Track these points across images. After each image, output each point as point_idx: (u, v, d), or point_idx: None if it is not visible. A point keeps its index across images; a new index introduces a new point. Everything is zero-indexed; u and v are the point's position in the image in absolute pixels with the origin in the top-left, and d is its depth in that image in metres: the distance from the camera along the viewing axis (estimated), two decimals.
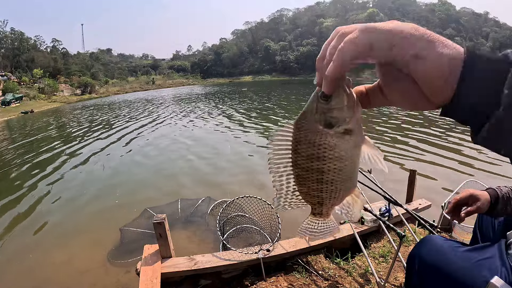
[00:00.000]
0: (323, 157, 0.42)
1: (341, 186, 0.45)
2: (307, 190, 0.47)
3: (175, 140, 9.61)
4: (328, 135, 0.41)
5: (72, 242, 3.88)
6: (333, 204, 0.49)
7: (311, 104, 0.42)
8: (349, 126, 0.40)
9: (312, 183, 0.45)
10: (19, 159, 8.66)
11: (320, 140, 0.41)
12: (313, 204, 0.50)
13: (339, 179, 0.44)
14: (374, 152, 0.45)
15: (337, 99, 0.39)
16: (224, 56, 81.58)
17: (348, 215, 0.52)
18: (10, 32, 57.14)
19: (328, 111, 0.40)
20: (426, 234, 2.63)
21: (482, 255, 1.05)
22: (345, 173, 0.43)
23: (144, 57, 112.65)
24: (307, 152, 0.43)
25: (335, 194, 0.47)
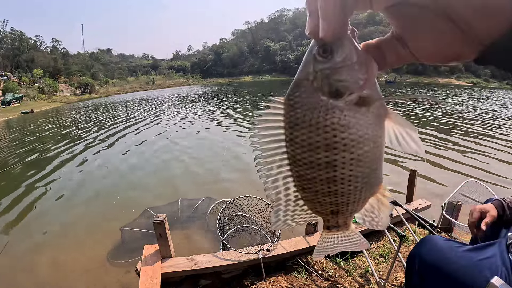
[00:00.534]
0: (333, 144, 0.29)
1: (363, 184, 0.33)
2: (314, 197, 0.34)
3: (176, 140, 9.61)
4: (336, 109, 0.29)
5: (72, 242, 3.88)
6: (353, 211, 0.36)
7: (305, 67, 0.30)
8: (364, 92, 0.29)
9: (321, 185, 0.33)
10: (19, 159, 8.65)
11: (325, 118, 0.29)
12: (325, 214, 0.37)
13: (359, 174, 0.31)
14: (404, 128, 0.31)
15: (343, 51, 0.28)
16: (224, 56, 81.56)
17: (374, 223, 0.39)
18: (10, 32, 57.14)
19: (333, 72, 0.28)
20: (426, 234, 2.63)
21: (482, 254, 1.05)
22: (367, 163, 0.31)
23: (144, 57, 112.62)
24: (308, 140, 0.30)
25: (355, 197, 0.34)
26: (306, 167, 0.32)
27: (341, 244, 0.41)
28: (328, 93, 0.29)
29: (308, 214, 0.38)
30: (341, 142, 0.29)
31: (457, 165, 6.03)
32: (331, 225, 0.39)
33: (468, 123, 10.87)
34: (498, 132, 9.20)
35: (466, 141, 7.98)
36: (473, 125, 10.37)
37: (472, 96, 23.10)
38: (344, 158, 0.30)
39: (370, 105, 0.29)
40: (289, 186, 0.35)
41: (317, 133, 0.30)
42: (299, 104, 0.30)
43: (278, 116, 0.32)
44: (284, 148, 0.33)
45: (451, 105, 16.83)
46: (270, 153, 0.33)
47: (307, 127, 0.30)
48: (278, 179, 0.34)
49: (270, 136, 0.33)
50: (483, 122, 10.98)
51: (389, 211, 0.37)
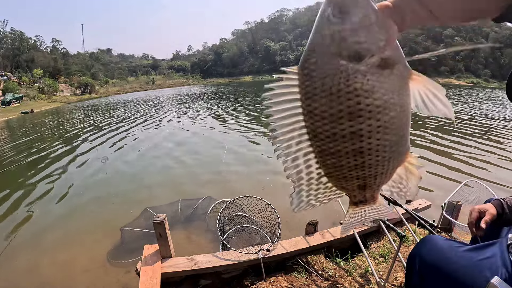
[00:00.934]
0: (357, 112, 0.27)
1: (391, 154, 0.30)
2: (340, 172, 0.31)
3: (176, 140, 9.61)
4: (358, 73, 0.26)
5: (72, 242, 3.87)
6: (381, 183, 0.34)
7: (320, 30, 0.26)
8: (386, 53, 0.26)
9: (347, 159, 0.30)
10: (19, 159, 8.65)
11: (347, 84, 0.26)
12: (352, 190, 0.34)
13: (387, 143, 0.29)
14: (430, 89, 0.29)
15: (360, 10, 0.25)
16: (224, 56, 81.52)
17: (401, 193, 0.36)
18: (10, 32, 57.11)
19: (351, 34, 0.26)
20: (426, 234, 2.63)
21: (483, 254, 1.05)
22: (395, 130, 0.28)
23: (144, 57, 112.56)
24: (330, 110, 0.27)
25: (383, 168, 0.31)
26: (329, 140, 0.29)
27: (368, 216, 0.39)
28: (347, 57, 0.26)
29: (332, 191, 0.35)
30: (366, 109, 0.27)
31: (457, 165, 6.03)
32: (358, 200, 0.36)
33: (469, 123, 10.87)
34: (499, 132, 9.20)
35: (466, 141, 7.98)
36: (473, 125, 10.37)
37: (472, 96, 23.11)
38: (371, 126, 0.27)
39: (393, 67, 0.27)
40: (311, 163, 0.32)
41: (339, 102, 0.27)
42: (316, 72, 0.27)
43: (293, 88, 0.29)
44: (302, 122, 0.30)
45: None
46: (287, 129, 0.31)
47: (327, 96, 0.27)
48: (299, 157, 0.32)
49: (285, 111, 0.30)
50: (484, 122, 10.98)
51: (418, 180, 0.36)
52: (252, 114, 14.56)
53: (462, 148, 7.29)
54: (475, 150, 7.10)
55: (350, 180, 0.32)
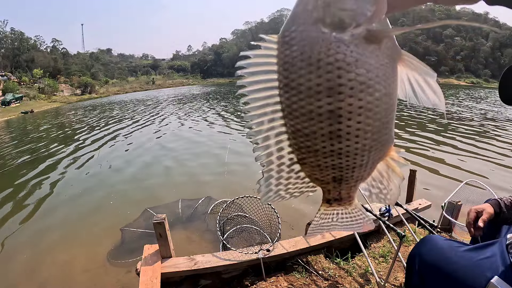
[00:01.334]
0: (337, 87, 0.24)
1: (372, 142, 0.27)
2: (314, 158, 0.28)
3: (176, 140, 9.61)
4: (341, 43, 0.24)
5: (72, 242, 3.87)
6: (359, 178, 0.30)
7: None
8: (374, 25, 0.24)
9: (322, 142, 0.26)
10: (19, 159, 8.66)
11: (328, 54, 0.24)
12: (326, 183, 0.30)
13: (368, 128, 0.26)
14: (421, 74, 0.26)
15: None
16: (224, 56, 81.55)
17: (381, 195, 0.33)
18: (10, 32, 57.13)
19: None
20: (426, 234, 2.63)
21: (483, 254, 1.05)
22: (378, 114, 0.26)
23: (144, 57, 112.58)
24: (307, 83, 0.25)
25: (362, 159, 0.28)
26: (304, 119, 0.26)
27: (341, 222, 0.35)
28: (330, 24, 0.24)
29: (305, 183, 0.31)
30: (348, 85, 0.24)
31: (457, 165, 6.03)
32: (332, 197, 0.32)
33: (469, 123, 10.87)
34: (499, 132, 9.20)
35: (466, 141, 7.99)
36: (473, 125, 10.37)
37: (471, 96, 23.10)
38: (351, 105, 0.24)
39: (380, 42, 0.24)
40: (283, 145, 0.29)
41: (318, 74, 0.24)
42: (296, 39, 0.24)
43: (271, 58, 0.26)
44: (277, 97, 0.27)
45: (450, 105, 16.83)
46: (260, 103, 0.27)
47: (306, 67, 0.24)
48: (270, 137, 0.28)
49: (260, 83, 0.27)
50: (484, 122, 10.98)
51: (400, 180, 0.32)
52: None
53: (462, 148, 7.29)
54: (475, 150, 7.10)
55: (325, 170, 0.29)
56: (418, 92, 0.26)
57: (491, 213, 1.17)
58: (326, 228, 0.35)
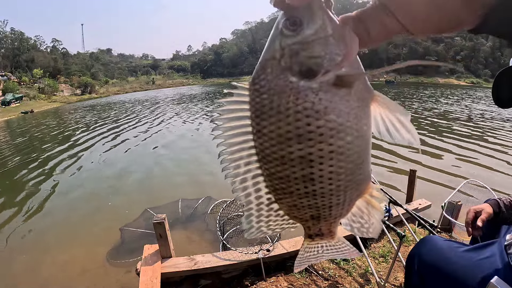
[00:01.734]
0: (307, 134, 0.24)
1: (347, 183, 0.27)
2: (290, 199, 0.28)
3: (176, 140, 9.61)
4: (309, 91, 0.23)
5: (72, 242, 3.87)
6: (337, 215, 0.30)
7: (271, 45, 0.25)
8: (343, 70, 0.24)
9: (296, 185, 0.27)
10: (19, 159, 8.65)
11: (296, 103, 0.24)
12: (305, 220, 0.31)
13: (341, 171, 0.26)
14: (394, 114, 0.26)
15: (315, 22, 0.23)
16: (224, 56, 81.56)
17: (363, 229, 0.32)
18: (10, 32, 57.13)
19: (303, 48, 0.23)
20: (426, 234, 2.63)
21: (482, 254, 1.05)
22: (350, 157, 0.26)
23: (144, 57, 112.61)
24: (278, 131, 0.25)
25: (338, 199, 0.28)
26: (277, 163, 0.27)
27: (327, 253, 0.35)
28: (298, 73, 0.24)
29: (285, 220, 0.32)
30: (317, 132, 0.24)
31: (457, 165, 6.03)
32: (313, 233, 0.33)
33: (470, 123, 10.87)
34: (499, 133, 9.20)
35: (466, 141, 7.99)
36: (473, 125, 10.37)
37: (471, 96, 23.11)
38: (322, 151, 0.25)
39: (351, 86, 0.24)
40: (260, 186, 0.30)
41: (287, 122, 0.24)
42: (266, 88, 0.25)
43: (243, 105, 0.27)
44: (252, 142, 0.28)
45: (448, 105, 16.83)
46: (236, 148, 0.29)
47: (276, 115, 0.25)
48: (247, 179, 0.29)
49: (235, 129, 0.28)
50: (484, 123, 10.98)
51: (380, 215, 0.31)
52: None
53: (462, 148, 7.29)
54: (475, 150, 7.10)
55: (302, 209, 0.29)
56: (392, 132, 0.26)
57: (490, 213, 1.17)
58: (313, 259, 0.36)
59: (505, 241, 1.06)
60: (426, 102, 17.87)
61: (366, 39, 0.25)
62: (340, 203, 0.29)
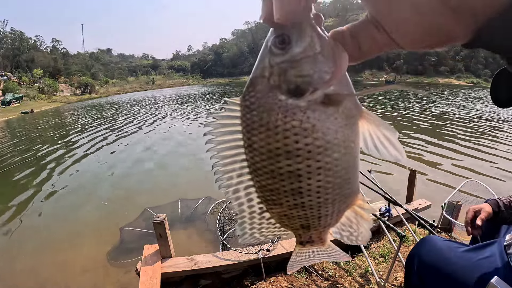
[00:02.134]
0: (295, 151, 0.25)
1: (335, 196, 0.28)
2: (280, 209, 0.30)
3: (176, 140, 9.61)
4: (297, 110, 0.24)
5: (72, 242, 3.87)
6: (327, 224, 0.32)
7: (261, 61, 0.26)
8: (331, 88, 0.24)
9: (285, 197, 0.28)
10: (19, 159, 8.65)
11: (285, 121, 0.25)
12: (296, 229, 0.32)
13: (329, 185, 0.27)
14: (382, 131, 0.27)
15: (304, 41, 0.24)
16: (224, 56, 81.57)
17: (352, 237, 0.34)
18: (10, 32, 57.14)
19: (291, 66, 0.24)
20: (426, 234, 2.63)
21: (482, 254, 1.05)
22: (338, 173, 0.27)
23: (144, 57, 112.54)
24: (267, 146, 0.26)
25: (327, 210, 0.29)
26: (268, 177, 0.28)
27: (318, 257, 0.37)
28: (286, 91, 0.24)
29: (277, 228, 0.33)
30: (305, 149, 0.25)
31: (457, 165, 6.03)
32: (304, 240, 0.34)
33: (469, 123, 10.87)
34: (499, 133, 9.20)
35: (467, 141, 7.99)
36: (473, 126, 10.37)
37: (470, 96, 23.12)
38: (310, 167, 0.26)
39: (339, 104, 0.25)
40: (252, 197, 0.31)
41: (276, 139, 0.25)
42: (255, 105, 0.26)
43: (235, 120, 0.28)
44: (243, 155, 0.29)
45: (449, 105, 16.83)
46: (228, 160, 0.30)
47: (265, 132, 0.25)
48: (239, 189, 0.31)
49: (227, 142, 0.29)
50: (484, 123, 10.98)
51: (369, 225, 0.33)
52: None
53: (462, 148, 7.29)
54: (475, 150, 7.10)
55: (292, 219, 0.31)
56: (379, 148, 0.27)
57: (489, 212, 1.17)
58: (305, 262, 0.38)
59: (504, 241, 1.06)
60: (426, 102, 17.88)
61: (357, 54, 0.25)
62: (329, 214, 0.30)
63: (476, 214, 1.19)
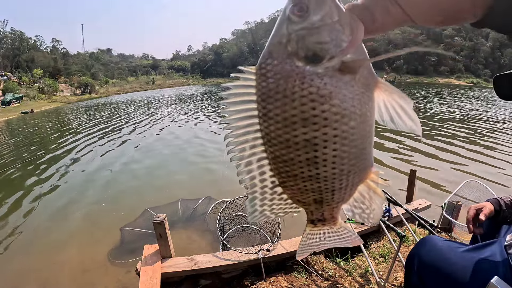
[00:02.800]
0: (312, 118, 0.25)
1: (350, 167, 0.27)
2: (294, 182, 0.29)
3: (176, 140, 9.61)
4: (315, 76, 0.24)
5: (72, 242, 3.87)
6: (340, 200, 0.31)
7: (279, 28, 0.26)
8: (348, 56, 0.24)
9: (300, 168, 0.27)
10: (19, 160, 8.66)
11: (302, 88, 0.24)
12: (308, 204, 0.31)
13: (344, 155, 0.26)
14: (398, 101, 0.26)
15: (321, 8, 0.24)
16: (224, 56, 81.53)
17: (364, 215, 0.33)
18: (10, 32, 57.07)
19: (309, 33, 0.24)
20: (426, 234, 2.63)
21: (482, 254, 1.05)
22: (354, 142, 0.26)
23: (144, 57, 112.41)
24: (283, 114, 0.26)
25: (341, 183, 0.28)
26: (282, 147, 0.27)
27: (329, 240, 0.36)
28: (304, 58, 0.24)
29: (288, 204, 0.32)
30: (321, 116, 0.25)
31: (457, 165, 6.03)
32: (316, 218, 0.33)
33: (469, 123, 10.87)
34: (499, 133, 9.20)
35: (466, 142, 7.99)
36: (473, 126, 10.37)
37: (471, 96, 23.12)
38: (326, 135, 0.25)
39: (355, 72, 0.25)
40: (265, 170, 0.30)
41: (293, 106, 0.25)
42: (272, 72, 0.26)
43: (250, 89, 0.27)
44: (257, 126, 0.28)
45: (449, 106, 16.83)
46: (242, 131, 0.29)
47: (281, 99, 0.25)
48: (252, 162, 0.30)
49: (241, 112, 0.28)
50: (484, 123, 10.98)
51: (382, 201, 0.32)
52: None
53: (462, 148, 7.29)
54: (475, 150, 7.10)
55: (305, 193, 0.30)
56: (395, 118, 0.27)
57: (491, 210, 1.17)
58: (315, 247, 0.37)
59: (505, 241, 1.06)
60: (427, 102, 17.88)
61: (372, 27, 0.25)
62: (343, 188, 0.29)
63: (478, 212, 1.19)
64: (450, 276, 1.03)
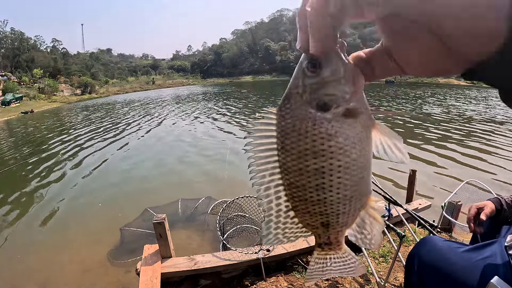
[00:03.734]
0: (320, 151, 0.31)
1: (352, 193, 0.34)
2: (304, 206, 0.35)
3: (176, 140, 9.61)
4: (324, 120, 0.31)
5: (73, 242, 3.88)
6: (344, 223, 0.36)
7: (295, 81, 0.32)
8: (351, 105, 0.31)
9: (310, 193, 0.34)
10: (19, 160, 8.66)
11: (314, 128, 0.31)
12: (316, 227, 0.37)
13: (347, 182, 0.33)
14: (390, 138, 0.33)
15: (331, 67, 0.30)
16: (224, 56, 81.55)
17: (366, 240, 0.38)
18: (10, 32, 57.12)
19: (320, 87, 0.30)
20: (426, 234, 2.63)
21: (482, 254, 1.05)
22: (355, 172, 0.33)
23: (144, 57, 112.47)
24: (298, 148, 0.32)
25: (344, 206, 0.34)
26: (296, 174, 0.34)
27: (335, 267, 0.42)
28: (316, 106, 0.31)
29: (299, 228, 0.38)
30: (329, 150, 0.31)
31: (457, 165, 6.03)
32: (323, 241, 0.39)
33: (469, 124, 10.87)
34: (499, 133, 9.20)
35: (466, 142, 7.99)
36: (473, 126, 10.37)
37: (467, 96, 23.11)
38: (332, 165, 0.32)
39: (357, 116, 0.31)
40: (280, 195, 0.36)
41: (306, 142, 0.32)
42: (289, 115, 0.32)
43: (271, 126, 0.34)
44: (276, 157, 0.35)
45: (448, 106, 16.83)
46: (263, 161, 0.35)
47: (297, 136, 0.32)
48: (270, 187, 0.36)
49: (263, 145, 0.35)
50: (485, 123, 10.98)
51: (381, 227, 0.38)
52: (254, 115, 14.54)
53: (462, 148, 7.29)
54: (475, 150, 7.10)
55: (314, 216, 0.36)
56: (388, 152, 0.34)
57: (493, 209, 1.17)
58: (322, 273, 0.42)
59: (505, 242, 1.06)
60: (427, 102, 17.88)
61: (370, 77, 0.31)
62: (346, 212, 0.35)
63: (479, 211, 1.19)
64: (450, 276, 1.03)
